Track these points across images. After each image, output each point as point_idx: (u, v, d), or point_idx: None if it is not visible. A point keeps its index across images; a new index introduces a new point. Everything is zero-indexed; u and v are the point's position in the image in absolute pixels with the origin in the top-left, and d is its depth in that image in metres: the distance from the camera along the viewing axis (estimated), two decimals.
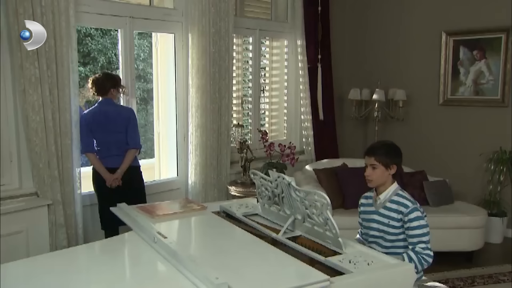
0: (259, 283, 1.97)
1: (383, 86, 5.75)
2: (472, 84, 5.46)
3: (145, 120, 8.36)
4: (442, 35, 5.56)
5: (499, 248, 5.04)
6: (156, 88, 4.90)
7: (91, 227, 3.94)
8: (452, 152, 5.60)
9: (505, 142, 5.16)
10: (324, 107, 5.70)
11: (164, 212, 2.87)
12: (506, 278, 4.25)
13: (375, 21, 6.11)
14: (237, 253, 2.35)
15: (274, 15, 5.52)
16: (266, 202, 2.80)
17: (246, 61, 5.27)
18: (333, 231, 2.30)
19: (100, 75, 3.82)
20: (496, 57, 5.25)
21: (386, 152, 2.74)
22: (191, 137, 4.52)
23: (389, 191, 2.75)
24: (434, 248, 4.12)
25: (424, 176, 4.95)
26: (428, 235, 2.64)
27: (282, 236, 2.47)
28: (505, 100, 5.23)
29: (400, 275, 2.15)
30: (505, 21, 5.13)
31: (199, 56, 4.42)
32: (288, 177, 2.49)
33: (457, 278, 4.21)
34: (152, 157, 5.59)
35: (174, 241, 2.31)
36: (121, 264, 2.42)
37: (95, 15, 3.89)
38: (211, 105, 4.53)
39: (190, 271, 1.99)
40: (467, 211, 4.64)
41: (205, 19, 4.40)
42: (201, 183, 4.57)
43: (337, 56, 5.98)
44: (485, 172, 5.34)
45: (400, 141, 5.55)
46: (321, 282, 1.89)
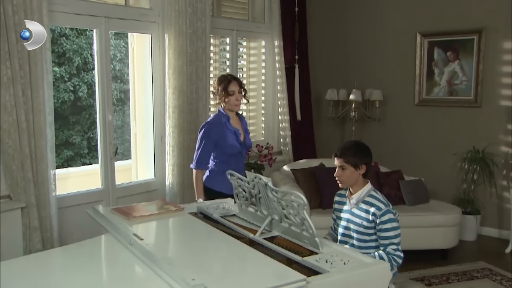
0: (236, 284, 1.96)
1: (360, 87, 5.81)
2: (446, 84, 5.55)
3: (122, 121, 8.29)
4: (417, 36, 5.65)
5: (473, 245, 5.14)
6: (133, 88, 4.87)
7: (67, 230, 3.88)
8: (427, 151, 5.69)
9: (478, 142, 5.27)
10: (301, 108, 5.73)
11: (141, 213, 2.84)
12: (479, 275, 4.33)
13: (351, 22, 6.17)
14: (214, 254, 2.35)
15: (251, 16, 5.53)
16: (243, 203, 2.79)
17: (223, 61, 5.26)
18: (310, 231, 2.31)
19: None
20: (469, 58, 5.35)
21: (354, 152, 2.75)
22: (168, 138, 4.49)
23: (363, 192, 2.77)
24: (411, 247, 4.22)
25: (400, 176, 5.01)
26: (399, 236, 2.68)
27: (259, 237, 2.47)
28: (478, 100, 5.33)
29: (376, 274, 2.17)
30: (477, 23, 5.24)
31: (176, 56, 4.40)
32: (265, 178, 2.49)
33: (432, 276, 4.27)
34: (129, 158, 5.55)
35: (150, 243, 2.29)
36: (98, 266, 2.39)
37: (70, 15, 3.83)
38: (188, 106, 4.51)
39: (166, 273, 1.98)
40: (442, 209, 4.72)
41: (181, 20, 4.37)
42: (178, 184, 4.54)
43: (314, 56, 6.02)
44: (459, 171, 5.44)
45: (376, 141, 5.69)
46: (298, 282, 1.89)
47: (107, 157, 4.19)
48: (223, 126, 3.52)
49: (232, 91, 3.48)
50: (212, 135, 3.50)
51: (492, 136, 5.24)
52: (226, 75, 3.65)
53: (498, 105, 5.23)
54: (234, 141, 3.53)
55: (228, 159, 3.52)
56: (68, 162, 8.63)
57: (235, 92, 3.48)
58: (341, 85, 6.00)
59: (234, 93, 3.48)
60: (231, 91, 3.48)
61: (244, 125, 3.69)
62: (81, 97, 8.66)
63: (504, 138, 5.21)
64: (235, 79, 3.54)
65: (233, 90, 3.48)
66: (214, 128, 3.52)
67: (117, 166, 4.38)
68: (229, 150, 3.53)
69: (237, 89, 3.49)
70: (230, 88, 3.48)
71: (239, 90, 3.50)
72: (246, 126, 3.74)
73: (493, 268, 4.45)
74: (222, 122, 3.52)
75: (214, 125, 3.53)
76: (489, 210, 5.32)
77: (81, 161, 8.91)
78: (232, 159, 3.52)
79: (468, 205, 5.24)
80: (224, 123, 3.53)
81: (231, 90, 3.48)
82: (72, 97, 8.56)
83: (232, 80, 3.52)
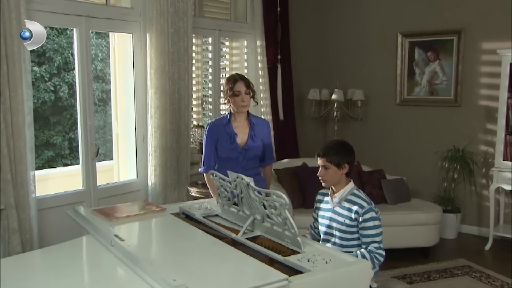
0: (218, 284, 1.96)
1: (342, 86, 5.84)
2: (427, 84, 5.62)
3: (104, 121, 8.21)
4: (398, 36, 5.70)
5: (453, 243, 5.21)
6: (114, 88, 4.83)
7: (47, 232, 3.83)
8: (409, 150, 5.75)
9: (458, 141, 5.34)
10: (284, 107, 5.74)
11: (122, 214, 2.82)
12: (460, 272, 4.39)
13: (333, 23, 6.20)
14: (196, 254, 2.34)
15: (233, 16, 5.52)
16: (226, 203, 2.79)
17: (205, 61, 5.24)
18: (292, 230, 2.32)
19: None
20: (449, 58, 5.42)
21: (337, 152, 2.76)
22: (150, 138, 4.46)
23: (345, 190, 2.79)
24: (392, 245, 4.26)
25: (382, 175, 5.06)
26: (381, 235, 2.70)
27: (242, 237, 2.47)
28: (458, 100, 5.40)
29: (358, 272, 2.19)
30: (457, 24, 5.31)
31: (157, 56, 4.37)
32: (247, 178, 2.49)
33: (414, 274, 4.32)
34: (111, 158, 5.50)
35: (131, 244, 2.28)
36: (78, 268, 2.36)
37: (49, 14, 3.77)
38: (170, 106, 4.49)
39: (148, 274, 1.97)
40: (423, 208, 4.77)
41: (163, 19, 4.35)
42: (161, 185, 4.52)
43: (296, 56, 6.04)
44: (440, 170, 5.51)
45: (359, 141, 5.72)
46: (280, 281, 1.89)
47: (89, 158, 4.14)
48: (223, 127, 3.40)
49: (238, 92, 3.29)
50: (212, 134, 3.41)
51: (472, 135, 5.32)
52: (234, 74, 3.48)
53: (477, 105, 5.31)
54: (228, 144, 3.37)
55: (223, 163, 3.37)
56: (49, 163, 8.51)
57: (241, 92, 3.29)
58: (324, 85, 6.03)
59: (240, 93, 3.29)
60: (237, 91, 3.30)
61: (256, 130, 3.39)
62: (62, 97, 8.55)
63: (483, 137, 5.29)
64: (242, 79, 3.36)
65: (239, 91, 3.29)
66: (214, 128, 3.42)
67: (99, 167, 4.34)
68: (223, 154, 3.38)
69: (244, 90, 3.31)
70: (236, 88, 3.30)
71: (246, 90, 3.31)
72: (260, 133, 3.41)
73: (473, 265, 4.52)
74: (223, 124, 3.41)
75: (215, 125, 3.43)
76: (469, 208, 5.40)
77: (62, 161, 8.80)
78: (227, 164, 3.27)
79: (448, 203, 5.31)
80: (225, 124, 3.40)
81: (237, 91, 3.29)
82: (53, 97, 8.45)
83: (238, 80, 3.35)
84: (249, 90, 3.33)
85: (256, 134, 3.40)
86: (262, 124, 3.50)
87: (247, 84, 3.35)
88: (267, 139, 3.48)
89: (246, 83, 3.34)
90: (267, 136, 3.48)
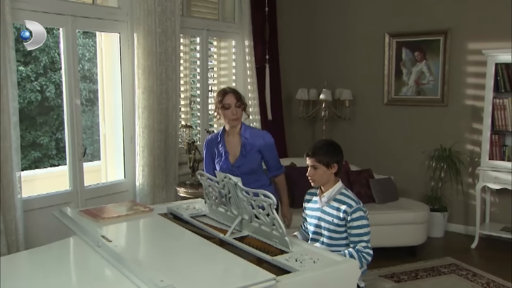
0: (206, 284, 1.96)
1: (330, 86, 5.86)
2: (414, 84, 5.66)
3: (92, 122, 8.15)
4: (385, 36, 5.73)
5: (440, 241, 5.25)
6: (102, 88, 4.80)
7: (33, 233, 3.79)
8: (396, 150, 5.78)
9: (445, 140, 5.38)
10: (272, 107, 5.75)
11: (109, 215, 2.80)
12: (446, 270, 4.43)
13: (321, 23, 6.22)
14: (184, 254, 2.34)
15: (221, 16, 5.51)
16: (213, 203, 2.79)
17: (193, 61, 5.22)
18: (280, 230, 2.32)
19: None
20: (435, 58, 5.46)
21: (325, 152, 2.77)
22: (138, 138, 4.44)
23: (334, 190, 2.80)
24: (380, 244, 4.28)
25: (370, 174, 5.08)
26: (369, 234, 2.71)
27: (230, 237, 2.47)
28: (444, 99, 5.45)
29: (345, 272, 2.20)
30: (443, 24, 5.35)
31: (145, 56, 4.35)
32: (234, 178, 2.49)
33: (401, 272, 4.35)
34: (99, 159, 5.46)
35: (119, 245, 2.27)
36: (66, 269, 2.35)
37: (34, 13, 3.73)
38: (158, 106, 4.47)
39: (135, 275, 1.96)
40: (411, 207, 4.80)
41: (150, 19, 4.33)
42: (149, 185, 4.50)
43: (284, 56, 6.04)
44: (427, 169, 5.55)
45: (347, 140, 5.74)
46: (267, 281, 1.90)
47: (76, 158, 4.11)
48: (216, 144, 3.39)
49: (228, 104, 3.25)
50: (209, 150, 3.43)
51: (458, 134, 5.37)
52: (224, 87, 3.47)
53: (463, 105, 5.36)
54: (220, 161, 3.35)
55: None
56: (35, 164, 8.43)
57: (231, 105, 3.24)
58: (312, 85, 6.05)
59: (230, 106, 3.24)
60: (226, 104, 3.25)
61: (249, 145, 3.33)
62: (49, 97, 8.47)
63: (469, 137, 5.34)
64: (232, 92, 3.32)
65: (229, 103, 3.25)
66: (210, 143, 3.44)
67: (86, 167, 4.31)
68: (220, 170, 3.32)
69: (234, 102, 3.25)
70: (226, 101, 3.25)
71: (236, 103, 3.26)
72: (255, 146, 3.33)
73: (460, 264, 4.56)
74: (217, 141, 3.39)
75: (210, 140, 3.45)
76: (455, 207, 5.45)
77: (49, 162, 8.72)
78: None
79: (435, 202, 5.35)
80: (218, 142, 3.38)
81: (227, 103, 3.25)
82: (39, 97, 8.37)
83: (228, 92, 3.31)
84: (239, 103, 3.29)
85: (249, 149, 3.33)
86: (258, 136, 3.40)
87: (238, 96, 3.30)
88: (266, 151, 3.38)
89: (236, 96, 3.30)
90: (265, 148, 3.37)
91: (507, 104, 4.82)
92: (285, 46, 6.07)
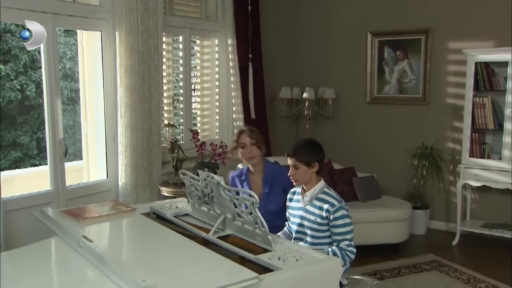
0: (189, 284, 1.95)
1: (313, 85, 5.88)
2: (396, 83, 5.70)
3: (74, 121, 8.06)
4: (368, 35, 5.77)
5: (422, 239, 5.31)
6: (83, 87, 4.74)
7: (13, 234, 3.74)
8: (379, 148, 5.83)
9: (427, 138, 5.44)
10: (255, 106, 5.75)
11: (91, 215, 2.78)
12: (428, 267, 4.48)
13: (304, 22, 6.23)
14: (167, 254, 2.32)
15: (204, 14, 5.49)
16: (196, 202, 2.78)
17: (176, 60, 5.20)
18: (263, 229, 2.32)
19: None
20: (417, 57, 5.52)
21: (306, 151, 2.77)
22: (120, 138, 4.41)
23: (316, 189, 2.81)
24: (363, 242, 4.32)
25: (353, 172, 5.11)
26: (352, 232, 2.73)
27: (213, 236, 2.47)
28: (426, 98, 5.51)
29: (328, 269, 2.21)
30: (425, 24, 5.41)
31: (127, 55, 4.32)
32: (217, 176, 2.48)
33: (384, 270, 4.38)
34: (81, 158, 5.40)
35: (100, 245, 2.25)
36: (47, 271, 2.32)
37: (14, 10, 3.66)
38: (140, 105, 4.44)
39: (117, 275, 1.94)
40: (393, 205, 4.85)
41: (132, 17, 4.30)
42: (132, 185, 4.46)
43: (268, 55, 6.05)
44: (409, 167, 5.60)
45: (330, 139, 5.77)
46: (250, 280, 1.90)
47: (57, 158, 4.06)
48: (241, 182, 3.45)
49: (243, 144, 3.35)
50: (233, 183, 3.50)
51: (440, 133, 5.43)
52: (242, 128, 3.57)
53: (445, 103, 5.42)
54: None
55: None
56: (16, 164, 8.31)
57: (246, 144, 3.34)
58: (295, 84, 6.06)
59: (245, 145, 3.34)
60: (241, 144, 3.36)
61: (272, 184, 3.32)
62: (29, 96, 8.35)
63: (450, 135, 5.41)
64: (247, 131, 3.40)
65: (244, 143, 3.35)
66: (235, 179, 3.51)
67: (68, 167, 4.26)
68: None
69: (248, 141, 3.34)
70: (241, 140, 3.37)
71: (251, 142, 3.33)
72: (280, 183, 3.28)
73: (441, 260, 4.62)
74: (241, 179, 3.43)
75: (234, 177, 3.52)
76: (437, 204, 5.51)
77: (30, 162, 8.60)
78: None
79: (418, 200, 5.41)
80: (243, 180, 3.43)
81: (242, 143, 3.36)
82: (20, 96, 8.24)
83: (243, 132, 3.41)
84: (254, 140, 3.35)
85: (273, 187, 3.33)
86: (280, 172, 3.35)
87: (253, 135, 3.37)
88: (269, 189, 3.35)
89: (251, 134, 3.37)
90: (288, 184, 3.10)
91: (487, 103, 4.89)
92: (268, 45, 6.08)
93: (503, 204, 5.13)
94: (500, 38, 4.96)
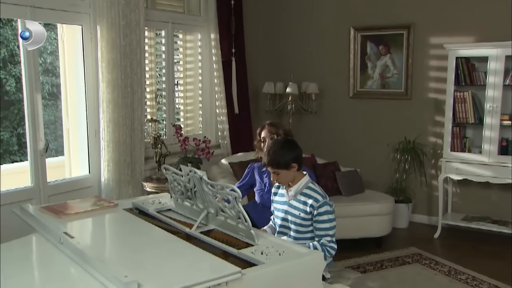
0: (171, 279, 1.94)
1: (296, 80, 5.89)
2: (379, 77, 5.74)
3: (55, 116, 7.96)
4: (350, 30, 5.79)
5: (405, 232, 5.37)
6: (64, 82, 4.67)
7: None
8: (362, 142, 5.86)
9: (409, 133, 5.49)
10: (239, 101, 5.74)
11: (72, 211, 2.75)
12: (410, 260, 4.53)
13: (287, 16, 6.23)
14: (150, 250, 2.31)
15: (186, 8, 5.45)
16: (179, 197, 2.77)
17: (159, 54, 5.16)
18: (246, 223, 2.32)
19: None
20: (399, 52, 5.56)
21: (279, 156, 2.73)
22: (102, 133, 4.36)
23: (300, 184, 2.81)
24: (347, 236, 4.36)
25: (337, 167, 5.14)
26: (334, 228, 2.73)
27: (196, 231, 2.46)
28: (408, 93, 5.55)
29: (310, 263, 2.22)
30: (407, 19, 5.45)
31: (109, 49, 4.27)
32: (200, 171, 2.47)
33: (367, 263, 4.42)
34: (62, 154, 5.34)
35: (82, 241, 2.22)
36: (27, 268, 2.28)
37: None
38: (123, 100, 4.40)
39: (98, 271, 1.92)
40: (376, 199, 4.89)
41: (114, 11, 4.25)
42: (114, 180, 4.43)
43: (251, 50, 6.03)
44: (392, 161, 5.65)
45: (313, 133, 5.79)
46: (233, 274, 1.89)
47: (37, 154, 4.01)
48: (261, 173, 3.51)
49: (264, 138, 3.46)
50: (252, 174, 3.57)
51: (422, 127, 5.48)
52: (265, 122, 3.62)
53: (426, 98, 5.47)
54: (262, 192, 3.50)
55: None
56: None
57: (266, 138, 3.44)
58: (278, 78, 6.06)
59: (266, 139, 3.44)
60: (262, 138, 3.48)
61: None
62: (9, 91, 8.22)
63: (432, 129, 5.46)
64: (267, 125, 3.50)
65: (264, 137, 3.46)
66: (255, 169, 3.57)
67: (50, 163, 4.22)
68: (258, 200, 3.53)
69: (269, 135, 3.43)
70: (262, 135, 3.48)
71: (271, 136, 3.41)
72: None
73: (423, 253, 4.67)
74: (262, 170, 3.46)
75: (255, 167, 3.57)
76: (419, 198, 5.57)
77: (10, 158, 8.48)
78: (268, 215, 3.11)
79: (400, 193, 5.46)
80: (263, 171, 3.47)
81: (262, 137, 3.47)
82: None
83: (266, 126, 3.50)
84: (274, 135, 3.41)
85: None
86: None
87: (272, 129, 3.46)
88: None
89: (270, 128, 3.47)
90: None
91: (467, 97, 4.95)
92: (251, 40, 6.06)
93: (483, 197, 5.21)
94: (481, 34, 5.02)
